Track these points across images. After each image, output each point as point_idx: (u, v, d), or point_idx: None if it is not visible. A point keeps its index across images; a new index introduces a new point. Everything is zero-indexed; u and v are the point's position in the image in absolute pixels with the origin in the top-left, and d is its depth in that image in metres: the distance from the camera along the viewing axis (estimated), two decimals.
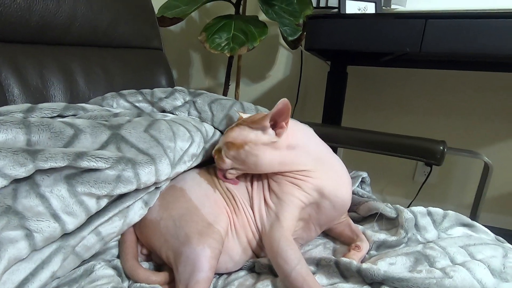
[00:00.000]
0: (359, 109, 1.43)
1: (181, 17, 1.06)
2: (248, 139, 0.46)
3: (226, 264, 0.45)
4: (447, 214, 0.54)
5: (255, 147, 0.45)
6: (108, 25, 0.69)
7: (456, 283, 0.36)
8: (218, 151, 0.49)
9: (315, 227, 0.50)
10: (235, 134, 0.47)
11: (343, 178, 0.49)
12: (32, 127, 0.36)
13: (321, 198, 0.46)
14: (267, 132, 0.46)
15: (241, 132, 0.47)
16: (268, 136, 0.46)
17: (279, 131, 0.45)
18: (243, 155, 0.46)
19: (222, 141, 0.48)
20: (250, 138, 0.46)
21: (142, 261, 0.46)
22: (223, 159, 0.47)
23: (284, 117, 0.44)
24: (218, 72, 1.67)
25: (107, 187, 0.37)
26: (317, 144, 0.50)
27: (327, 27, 0.84)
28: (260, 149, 0.45)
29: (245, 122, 0.48)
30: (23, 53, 0.56)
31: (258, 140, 0.45)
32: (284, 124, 0.45)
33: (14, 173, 0.32)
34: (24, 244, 0.32)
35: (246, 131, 0.46)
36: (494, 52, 0.70)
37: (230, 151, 0.47)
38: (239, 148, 0.46)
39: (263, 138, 0.46)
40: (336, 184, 0.47)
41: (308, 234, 0.50)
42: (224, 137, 0.49)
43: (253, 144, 0.45)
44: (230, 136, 0.47)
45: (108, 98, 0.57)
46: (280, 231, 0.43)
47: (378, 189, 1.49)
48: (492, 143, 1.30)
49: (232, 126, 0.50)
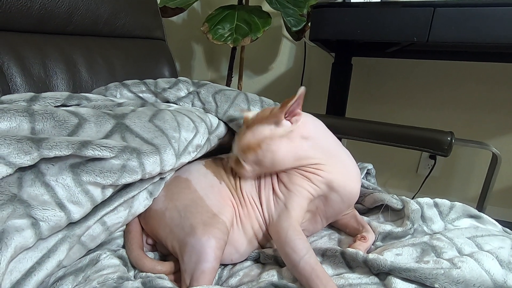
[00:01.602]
0: (363, 101, 1.42)
1: (183, 7, 1.04)
2: (263, 136, 0.44)
3: (231, 255, 0.45)
4: (454, 206, 0.53)
5: (271, 142, 0.44)
6: (110, 14, 0.68)
7: (464, 273, 0.36)
8: (236, 161, 0.47)
9: (321, 219, 0.50)
10: (249, 136, 0.45)
11: (352, 171, 0.48)
12: (36, 115, 0.36)
13: (330, 191, 0.46)
14: (282, 124, 0.44)
15: (255, 132, 0.45)
16: (283, 127, 0.44)
17: (295, 119, 0.44)
18: (261, 155, 0.44)
19: (237, 148, 0.46)
20: (265, 134, 0.44)
21: (147, 251, 0.46)
22: (244, 167, 0.46)
23: (298, 103, 0.43)
24: (220, 64, 1.65)
25: (112, 176, 0.37)
26: (327, 136, 0.49)
27: (332, 16, 0.83)
28: (276, 143, 0.44)
29: (256, 122, 0.46)
30: (25, 43, 0.55)
31: (274, 135, 0.44)
32: (299, 110, 0.44)
33: (19, 161, 0.31)
34: (30, 232, 0.32)
35: (260, 130, 0.45)
36: (505, 41, 0.68)
37: (248, 155, 0.45)
38: (256, 149, 0.44)
39: (278, 131, 0.44)
40: (345, 177, 0.47)
41: (314, 226, 0.50)
42: (238, 145, 0.46)
43: (269, 140, 0.44)
44: (244, 140, 0.45)
45: (112, 88, 0.56)
46: (288, 220, 0.43)
47: (381, 182, 1.49)
48: (498, 135, 1.28)
49: (240, 131, 0.47)
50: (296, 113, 0.44)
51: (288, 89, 1.53)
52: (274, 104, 0.63)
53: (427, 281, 0.36)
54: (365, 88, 1.40)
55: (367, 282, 0.38)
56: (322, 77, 1.46)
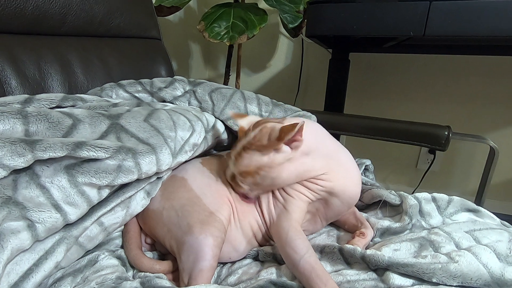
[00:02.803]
0: (361, 96, 1.42)
1: (179, 6, 1.04)
2: (261, 164, 0.42)
3: (229, 254, 0.45)
4: (451, 200, 0.53)
5: (270, 170, 0.42)
6: (105, 14, 0.68)
7: (461, 267, 0.36)
8: (232, 178, 0.45)
9: (321, 221, 0.50)
10: (246, 162, 0.42)
11: (353, 175, 0.48)
12: (30, 117, 0.36)
13: (330, 196, 0.46)
14: (281, 151, 0.42)
15: (252, 158, 0.42)
16: (283, 154, 0.42)
17: (295, 145, 0.42)
18: (259, 179, 0.42)
19: (234, 170, 0.44)
20: (264, 163, 0.42)
21: (146, 250, 0.46)
22: (240, 186, 0.45)
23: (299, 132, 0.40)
24: (218, 63, 1.65)
25: (108, 177, 0.37)
26: (327, 142, 0.47)
27: (329, 12, 0.82)
28: (275, 170, 0.42)
29: (253, 146, 0.42)
30: (19, 44, 0.55)
31: (273, 162, 0.42)
32: (300, 137, 0.41)
33: (13, 164, 0.31)
34: (27, 234, 0.32)
35: (257, 156, 0.42)
36: (502, 34, 0.68)
37: (245, 179, 0.43)
38: (254, 175, 0.42)
39: (278, 158, 0.42)
40: (346, 182, 0.46)
41: (314, 227, 0.50)
42: (235, 166, 0.44)
43: (268, 168, 0.42)
44: (242, 165, 0.43)
45: (107, 89, 0.56)
46: (289, 221, 0.43)
47: (381, 177, 1.49)
48: (496, 129, 1.28)
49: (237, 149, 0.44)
50: (296, 139, 0.41)
51: (286, 86, 1.53)
52: (271, 101, 0.63)
53: (425, 276, 0.36)
54: (363, 83, 1.40)
55: (365, 278, 0.38)
56: (319, 73, 1.46)
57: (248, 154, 0.43)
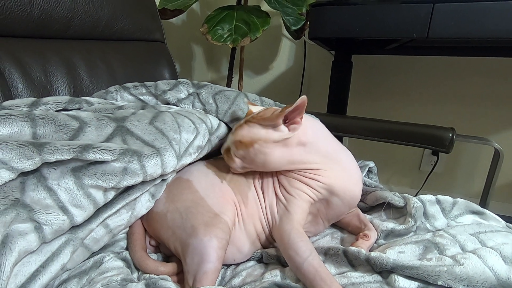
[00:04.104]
0: (364, 98, 1.42)
1: (182, 8, 1.05)
2: (258, 137, 0.43)
3: (234, 255, 0.45)
4: (456, 202, 0.53)
5: (265, 145, 0.43)
6: (109, 18, 0.69)
7: (467, 270, 0.36)
8: (227, 150, 0.47)
9: (323, 221, 0.50)
10: (244, 132, 0.44)
11: (353, 175, 0.48)
12: (38, 120, 0.36)
13: (330, 195, 0.46)
14: (279, 129, 0.43)
15: (250, 130, 0.44)
16: (280, 133, 0.43)
17: (293, 127, 0.43)
18: (252, 153, 0.44)
19: (231, 139, 0.46)
20: (260, 136, 0.43)
21: (150, 252, 0.47)
22: (233, 159, 0.46)
23: (299, 112, 0.42)
24: (220, 65, 1.65)
25: (114, 179, 0.37)
26: (327, 140, 0.48)
27: (331, 14, 0.83)
28: (269, 147, 0.43)
29: (254, 119, 0.45)
30: (26, 48, 0.55)
31: (269, 138, 0.43)
32: (299, 119, 0.42)
33: (21, 166, 0.32)
34: (34, 236, 0.32)
35: (256, 129, 0.44)
36: (505, 36, 0.68)
37: (238, 150, 0.44)
38: (248, 147, 0.43)
39: (274, 135, 0.43)
40: (346, 181, 0.46)
41: (316, 228, 0.50)
42: (233, 136, 0.46)
43: (263, 142, 0.43)
44: (239, 134, 0.45)
45: (112, 91, 0.57)
46: (291, 223, 0.43)
47: (384, 179, 1.48)
48: (500, 130, 1.28)
49: (240, 122, 0.47)
50: (295, 121, 0.43)
51: (288, 88, 1.53)
52: (274, 104, 0.63)
53: (430, 278, 0.36)
54: (366, 85, 1.40)
55: (369, 281, 0.38)
56: (322, 75, 1.46)
57: (248, 126, 0.45)
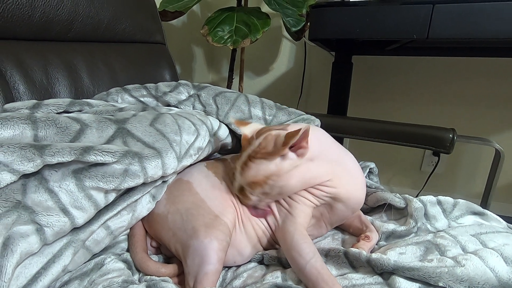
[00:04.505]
0: (364, 99, 1.42)
1: (183, 10, 1.05)
2: (269, 173, 0.41)
3: (234, 258, 0.45)
4: (457, 203, 0.53)
5: (278, 178, 0.41)
6: (110, 20, 0.69)
7: (468, 271, 0.36)
8: (240, 189, 0.44)
9: (326, 225, 0.50)
10: (253, 172, 0.42)
11: (357, 180, 0.48)
12: (39, 122, 0.37)
13: (334, 201, 0.46)
14: (287, 157, 0.41)
15: (259, 167, 0.41)
16: (289, 161, 0.41)
17: (301, 152, 0.41)
18: (268, 189, 0.42)
19: (242, 181, 0.43)
20: (271, 171, 0.41)
21: (151, 254, 0.47)
22: (249, 197, 0.44)
23: (304, 138, 0.40)
24: (221, 66, 1.66)
25: (115, 181, 0.37)
26: (332, 147, 0.47)
27: (331, 16, 0.83)
28: (283, 178, 0.41)
29: (259, 155, 0.42)
30: (27, 50, 0.55)
31: (281, 170, 0.41)
32: (306, 144, 0.41)
33: (23, 168, 0.32)
34: (35, 238, 0.32)
35: (264, 165, 0.41)
36: (505, 36, 0.68)
37: (254, 190, 0.43)
38: (263, 185, 0.42)
39: (284, 166, 0.41)
40: (350, 187, 0.46)
41: (319, 231, 0.50)
42: (243, 177, 0.43)
43: (276, 176, 0.41)
44: (249, 175, 0.42)
45: (113, 93, 0.57)
46: (294, 225, 0.43)
47: (384, 179, 1.48)
48: (501, 131, 1.27)
49: (242, 159, 0.43)
50: (302, 146, 0.41)
51: (289, 89, 1.53)
52: (274, 105, 0.63)
53: (431, 279, 0.36)
54: (366, 86, 1.40)
55: (370, 282, 0.38)
56: (322, 76, 1.46)
57: (255, 164, 0.42)
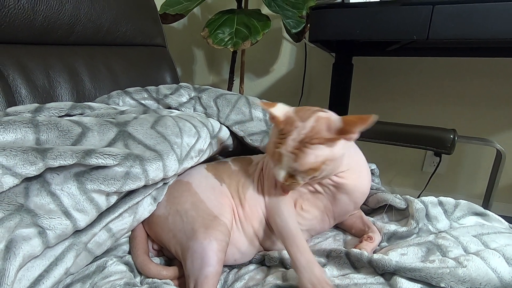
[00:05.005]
0: (365, 100, 1.42)
1: (183, 13, 1.05)
2: (325, 157, 0.40)
3: (234, 255, 0.46)
4: (458, 204, 0.53)
5: (332, 162, 0.41)
6: (111, 23, 0.69)
7: (470, 272, 0.35)
8: (291, 177, 0.42)
9: (329, 219, 0.50)
10: (312, 157, 0.40)
11: (364, 173, 0.49)
12: (41, 126, 0.37)
13: (338, 192, 0.46)
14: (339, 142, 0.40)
15: (317, 153, 0.40)
16: (340, 145, 0.40)
17: (351, 136, 0.39)
18: (319, 173, 0.41)
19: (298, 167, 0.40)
20: (327, 155, 0.40)
21: (153, 256, 0.47)
22: (298, 182, 0.43)
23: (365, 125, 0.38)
24: (222, 68, 1.66)
25: (116, 183, 0.37)
26: None
27: (331, 17, 0.83)
28: (335, 161, 0.41)
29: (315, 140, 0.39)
30: (29, 54, 0.56)
31: (335, 155, 0.40)
32: None
33: (25, 172, 0.32)
34: (38, 241, 0.32)
35: (321, 150, 0.40)
36: (506, 37, 0.68)
37: (309, 175, 0.41)
38: (318, 170, 0.41)
39: (338, 150, 0.40)
40: (357, 181, 0.47)
41: (322, 226, 0.51)
42: (299, 164, 0.40)
43: (330, 160, 0.40)
44: (308, 162, 0.40)
45: (114, 96, 0.57)
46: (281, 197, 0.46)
47: (386, 180, 1.48)
48: (502, 131, 1.27)
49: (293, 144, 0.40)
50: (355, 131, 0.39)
51: (290, 90, 1.53)
52: None
53: (433, 280, 0.36)
54: (367, 87, 1.40)
55: (372, 282, 0.38)
56: (323, 77, 1.46)
57: (312, 150, 0.39)
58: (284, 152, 0.40)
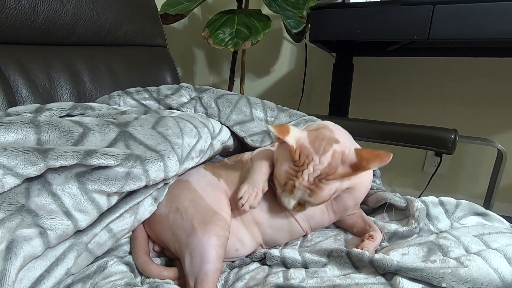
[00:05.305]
0: (366, 100, 1.41)
1: (184, 13, 1.05)
2: (337, 188, 0.42)
3: (235, 245, 0.46)
4: (459, 204, 0.53)
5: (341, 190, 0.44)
6: (112, 23, 0.69)
7: (471, 272, 0.35)
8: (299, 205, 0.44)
9: (328, 212, 0.51)
10: (326, 193, 0.41)
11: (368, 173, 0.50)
12: (42, 126, 0.37)
13: None
14: None
15: (331, 187, 0.41)
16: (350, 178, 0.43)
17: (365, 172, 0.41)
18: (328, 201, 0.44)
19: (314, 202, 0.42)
20: (338, 186, 0.42)
21: (154, 257, 0.47)
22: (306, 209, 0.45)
23: None
24: (222, 68, 1.66)
25: (117, 184, 0.37)
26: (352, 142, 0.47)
27: (332, 17, 0.83)
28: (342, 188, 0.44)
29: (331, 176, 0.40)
30: (30, 54, 0.56)
31: (345, 184, 0.43)
32: None
33: (26, 172, 0.32)
34: (39, 241, 0.32)
35: (334, 184, 0.41)
36: (506, 36, 0.68)
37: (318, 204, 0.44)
38: (328, 199, 0.43)
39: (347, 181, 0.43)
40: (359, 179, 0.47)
41: (321, 217, 0.51)
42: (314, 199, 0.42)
43: (340, 189, 0.43)
44: (322, 197, 0.42)
45: (115, 97, 0.57)
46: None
47: (387, 180, 1.48)
48: (503, 131, 1.27)
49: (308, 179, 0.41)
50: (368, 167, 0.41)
51: (290, 90, 1.53)
52: (276, 107, 0.63)
53: (434, 280, 0.36)
54: (367, 87, 1.40)
55: (373, 282, 0.38)
56: (323, 77, 1.46)
57: (328, 185, 0.40)
58: (299, 185, 0.41)
